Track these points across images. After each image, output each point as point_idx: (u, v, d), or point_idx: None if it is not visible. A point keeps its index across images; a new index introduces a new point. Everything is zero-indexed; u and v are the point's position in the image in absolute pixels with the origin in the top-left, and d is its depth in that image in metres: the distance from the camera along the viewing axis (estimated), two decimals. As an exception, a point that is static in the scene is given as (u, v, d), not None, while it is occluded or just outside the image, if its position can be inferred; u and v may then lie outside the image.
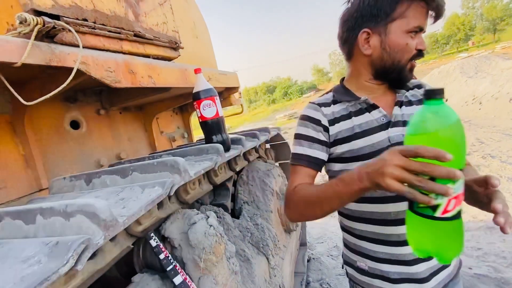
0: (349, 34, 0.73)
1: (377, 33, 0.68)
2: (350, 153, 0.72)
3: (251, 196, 1.46)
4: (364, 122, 0.72)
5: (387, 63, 0.69)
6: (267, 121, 22.45)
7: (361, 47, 0.71)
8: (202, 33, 1.57)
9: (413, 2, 0.64)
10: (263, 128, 1.57)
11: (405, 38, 0.66)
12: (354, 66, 0.77)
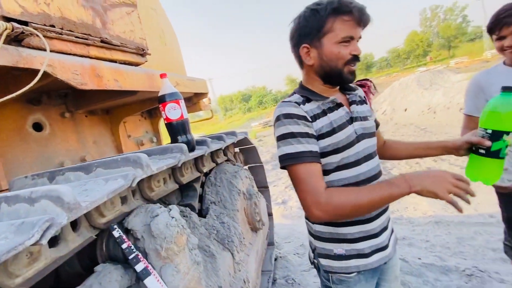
0: (295, 49, 0.86)
1: (314, 47, 0.81)
2: (332, 146, 0.81)
3: (218, 196, 1.53)
4: (338, 118, 0.83)
5: (326, 69, 0.82)
6: (242, 129, 22.56)
7: (304, 59, 0.84)
8: (170, 40, 1.64)
9: (337, 18, 0.77)
10: (230, 132, 1.66)
11: (337, 48, 0.79)
12: (306, 74, 0.89)
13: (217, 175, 1.61)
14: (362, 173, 0.84)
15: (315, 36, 0.80)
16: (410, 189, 0.70)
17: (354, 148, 0.83)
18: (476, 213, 2.61)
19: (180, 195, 1.41)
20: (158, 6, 1.61)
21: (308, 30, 0.80)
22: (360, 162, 0.84)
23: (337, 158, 0.82)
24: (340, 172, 0.83)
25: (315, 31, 0.79)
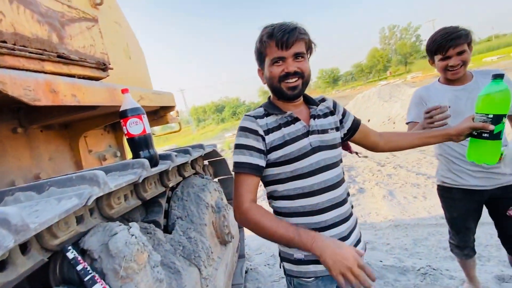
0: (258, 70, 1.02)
1: (262, 69, 0.97)
2: (284, 157, 0.89)
3: (185, 211, 1.51)
4: (293, 131, 0.92)
5: (270, 87, 0.96)
6: (215, 140, 22.38)
7: (261, 79, 1.01)
8: (135, 54, 1.63)
9: (266, 43, 0.89)
10: (198, 145, 1.67)
11: (271, 68, 0.91)
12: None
13: (184, 189, 1.60)
14: (316, 183, 0.90)
15: (262, 61, 0.95)
16: (311, 249, 0.78)
17: (308, 160, 0.90)
18: (429, 215, 2.85)
19: (144, 211, 1.38)
20: (123, 20, 1.61)
21: (257, 56, 0.97)
22: (315, 173, 0.90)
23: (290, 168, 0.90)
24: (294, 181, 0.91)
25: (261, 57, 0.94)
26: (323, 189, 0.90)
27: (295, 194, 0.91)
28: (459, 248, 1.58)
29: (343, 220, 0.93)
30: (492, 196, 1.39)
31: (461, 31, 1.28)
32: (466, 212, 1.47)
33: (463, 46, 1.28)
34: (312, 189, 0.90)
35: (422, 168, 4.39)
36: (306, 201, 0.90)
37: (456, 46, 1.27)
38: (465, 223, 1.50)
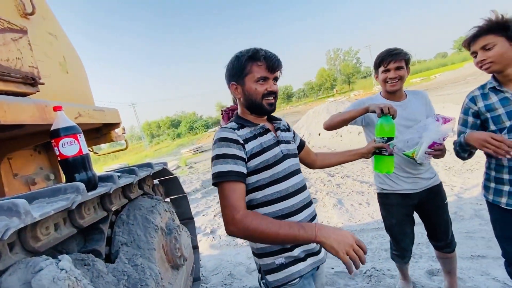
0: (228, 85, 1.07)
1: (239, 84, 1.03)
2: (263, 163, 0.97)
3: (131, 236, 1.40)
4: (267, 140, 1.02)
5: (249, 102, 1.03)
6: (171, 156, 21.39)
7: (234, 94, 1.06)
8: (74, 68, 1.51)
9: (254, 63, 0.99)
10: (145, 164, 1.58)
11: (255, 85, 1.00)
12: (240, 106, 1.10)
13: (130, 212, 1.49)
14: (290, 186, 1.01)
15: (239, 77, 1.01)
16: (315, 238, 0.82)
17: (282, 165, 1.01)
18: (372, 220, 3.12)
19: (82, 240, 1.24)
20: (59, 32, 1.49)
21: (234, 72, 1.02)
22: (288, 177, 1.01)
23: (268, 173, 0.98)
24: (273, 186, 0.98)
25: (239, 72, 1.01)
26: (296, 191, 1.02)
27: (273, 199, 0.98)
28: (400, 257, 1.75)
29: (312, 218, 1.06)
30: (420, 200, 1.61)
31: (401, 50, 1.52)
32: (402, 217, 1.65)
33: (401, 62, 1.49)
34: (288, 192, 0.99)
35: (365, 177, 4.83)
36: (284, 204, 0.98)
37: (396, 61, 1.49)
38: (403, 228, 1.67)
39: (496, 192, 1.30)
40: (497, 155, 1.11)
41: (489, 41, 1.16)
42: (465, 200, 3.19)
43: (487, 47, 1.17)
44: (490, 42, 1.16)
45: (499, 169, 1.28)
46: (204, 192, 6.23)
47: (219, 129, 1.02)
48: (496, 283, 1.80)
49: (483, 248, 2.22)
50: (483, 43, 1.18)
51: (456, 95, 11.91)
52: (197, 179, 7.93)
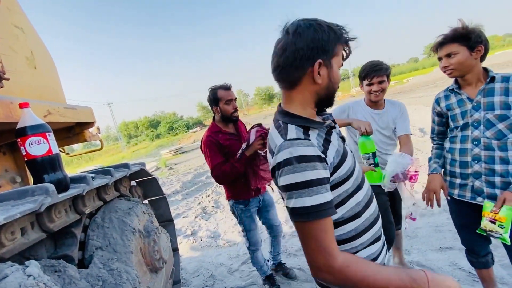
0: (302, 62, 0.72)
1: (325, 66, 0.73)
2: (346, 172, 0.74)
3: (106, 239, 1.34)
4: (337, 142, 0.77)
5: (330, 91, 0.77)
6: (150, 157, 20.77)
7: (315, 76, 0.73)
8: (43, 63, 1.42)
9: (341, 45, 0.75)
10: (122, 164, 1.53)
11: (339, 72, 0.77)
12: (301, 94, 0.77)
13: (105, 214, 1.43)
14: (367, 188, 0.83)
15: (330, 55, 0.73)
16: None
17: (356, 169, 0.80)
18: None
19: (53, 245, 1.17)
20: (26, 25, 1.40)
21: (327, 47, 0.72)
22: (363, 179, 0.83)
23: (350, 183, 0.75)
24: (355, 195, 0.77)
25: (331, 50, 0.72)
26: (372, 194, 0.86)
27: (360, 209, 0.77)
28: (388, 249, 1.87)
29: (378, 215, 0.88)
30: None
31: (384, 65, 1.68)
32: (384, 205, 1.80)
33: (383, 77, 1.67)
34: (368, 195, 0.81)
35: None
36: (369, 211, 0.80)
37: (379, 76, 1.67)
38: (387, 216, 1.80)
39: (451, 184, 1.43)
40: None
41: (453, 49, 1.25)
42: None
43: (450, 55, 1.27)
44: (454, 51, 1.25)
45: (452, 164, 1.41)
46: (185, 193, 6.11)
47: (287, 142, 0.69)
48: (462, 272, 1.93)
49: (451, 240, 2.37)
50: (447, 51, 1.27)
51: (427, 98, 12.64)
52: (178, 181, 7.76)
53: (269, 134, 0.81)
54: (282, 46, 0.74)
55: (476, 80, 1.28)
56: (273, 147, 0.73)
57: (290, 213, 0.69)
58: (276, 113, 0.82)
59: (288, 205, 0.69)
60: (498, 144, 1.23)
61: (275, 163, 0.70)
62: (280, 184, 0.70)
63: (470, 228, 1.44)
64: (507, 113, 1.19)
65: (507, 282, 1.75)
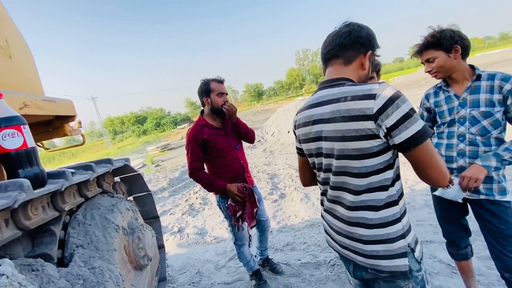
0: (359, 46, 0.89)
1: (369, 58, 0.91)
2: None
3: (87, 237, 1.30)
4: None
5: (363, 81, 0.94)
6: (136, 154, 20.32)
7: (365, 61, 0.90)
8: (19, 53, 1.35)
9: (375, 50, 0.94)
10: (105, 160, 1.48)
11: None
12: (352, 72, 0.91)
13: (87, 211, 1.38)
14: None
15: (374, 51, 0.93)
16: None
17: None
18: (337, 213, 3.28)
19: (30, 244, 1.12)
20: (1, 12, 1.32)
21: (375, 44, 0.92)
22: None
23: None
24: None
25: (376, 48, 0.92)
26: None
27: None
28: None
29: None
30: None
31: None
32: None
33: (373, 73, 1.60)
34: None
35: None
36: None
37: None
38: None
39: None
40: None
41: (430, 55, 1.31)
42: (417, 192, 3.50)
43: (430, 60, 1.32)
44: (431, 56, 1.31)
45: None
46: (172, 190, 6.03)
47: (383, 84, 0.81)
48: (441, 265, 2.01)
49: (431, 234, 2.46)
50: (426, 57, 1.33)
51: (411, 97, 12.99)
52: (164, 178, 7.64)
53: (343, 90, 0.85)
54: (348, 30, 0.89)
55: (463, 78, 1.32)
56: (364, 92, 0.79)
57: (417, 137, 0.74)
58: (332, 80, 0.92)
59: (417, 129, 0.75)
60: (482, 140, 1.28)
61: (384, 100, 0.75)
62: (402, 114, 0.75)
63: (452, 221, 1.50)
64: (491, 110, 1.24)
65: (484, 273, 1.84)
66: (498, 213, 1.29)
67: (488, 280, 1.77)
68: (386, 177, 0.81)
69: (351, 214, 0.88)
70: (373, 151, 0.79)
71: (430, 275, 1.90)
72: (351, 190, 0.86)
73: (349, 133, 0.80)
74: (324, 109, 0.87)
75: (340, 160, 0.86)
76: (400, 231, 0.83)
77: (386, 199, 0.82)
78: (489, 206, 1.31)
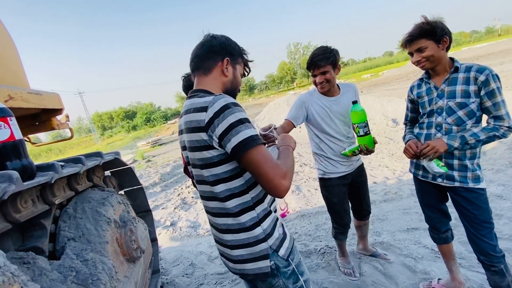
0: (214, 55, 0.94)
1: (231, 66, 0.97)
2: None
3: (79, 230, 1.30)
4: None
5: (234, 86, 1.00)
6: (126, 149, 20.00)
7: (224, 68, 0.95)
8: (2, 45, 1.31)
9: (242, 60, 1.04)
10: (94, 153, 1.47)
11: (240, 78, 1.03)
12: (213, 81, 0.95)
13: (77, 205, 1.38)
14: None
15: (234, 59, 1.00)
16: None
17: None
18: (327, 204, 3.36)
19: (20, 237, 1.12)
20: (-20, 1, 1.27)
21: (233, 52, 1.00)
22: None
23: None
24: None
25: (236, 55, 1.01)
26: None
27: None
28: (343, 234, 1.96)
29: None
30: (352, 178, 1.87)
31: (325, 54, 1.58)
32: (342, 196, 1.87)
33: (326, 67, 1.59)
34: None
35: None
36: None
37: (320, 68, 1.61)
38: (343, 205, 1.89)
39: (416, 166, 1.55)
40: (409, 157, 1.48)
41: (422, 44, 1.32)
42: (404, 182, 3.61)
43: (420, 49, 1.34)
44: (423, 46, 1.32)
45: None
46: (164, 185, 6.00)
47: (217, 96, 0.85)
48: (425, 250, 2.10)
49: (416, 221, 2.56)
50: (417, 47, 1.34)
51: (400, 90, 13.22)
52: (156, 173, 7.58)
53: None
54: (201, 42, 0.96)
55: (444, 70, 1.37)
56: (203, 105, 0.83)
57: (241, 146, 0.77)
58: (193, 90, 0.95)
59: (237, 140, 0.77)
60: (458, 130, 1.33)
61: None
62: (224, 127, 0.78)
63: (432, 207, 1.57)
64: (466, 101, 1.29)
65: (465, 257, 1.94)
66: (472, 199, 1.36)
67: (469, 263, 1.87)
68: (235, 185, 0.86)
69: (217, 220, 0.93)
70: (214, 160, 0.83)
71: (415, 260, 1.99)
72: (211, 198, 0.91)
73: (194, 144, 0.85)
74: (183, 120, 0.90)
75: (195, 169, 0.92)
76: (261, 235, 0.88)
77: (240, 205, 0.87)
78: (464, 193, 1.38)
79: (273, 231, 0.91)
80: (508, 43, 27.62)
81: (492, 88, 1.24)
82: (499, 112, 1.25)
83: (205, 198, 0.95)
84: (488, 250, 1.35)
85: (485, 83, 1.24)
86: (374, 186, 3.68)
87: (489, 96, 1.25)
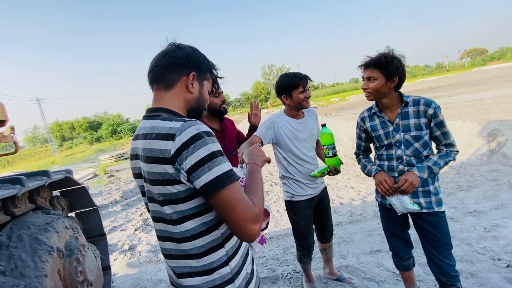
0: (178, 67, 0.81)
1: (198, 81, 0.85)
2: None
3: (11, 262, 1.13)
4: None
5: (199, 105, 0.88)
6: (87, 163, 18.56)
7: (189, 84, 0.82)
8: None
9: (211, 74, 0.92)
10: (40, 172, 1.31)
11: (207, 94, 0.91)
12: (175, 97, 0.82)
13: (13, 232, 1.21)
14: None
15: (202, 74, 0.88)
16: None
17: None
18: (296, 225, 3.35)
19: None
20: None
21: (201, 66, 0.87)
22: None
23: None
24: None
25: (204, 70, 0.89)
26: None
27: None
28: (307, 256, 1.95)
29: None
30: (317, 200, 1.92)
31: (305, 75, 1.75)
32: (308, 218, 1.89)
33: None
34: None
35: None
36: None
37: (308, 82, 1.75)
38: (308, 228, 1.90)
39: (382, 195, 1.58)
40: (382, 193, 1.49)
41: (373, 74, 1.39)
42: (368, 203, 3.76)
43: (370, 78, 1.40)
44: (373, 76, 1.39)
45: None
46: (125, 204, 5.58)
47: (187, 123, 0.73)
48: (388, 273, 2.15)
49: (379, 243, 2.63)
50: (368, 75, 1.41)
51: (364, 115, 14.07)
52: (118, 189, 7.06)
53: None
54: (164, 51, 0.82)
55: (392, 104, 1.45)
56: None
57: (212, 184, 0.66)
58: (151, 109, 0.83)
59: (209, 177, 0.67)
60: (415, 160, 1.42)
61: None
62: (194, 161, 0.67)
63: (396, 236, 1.62)
64: (420, 133, 1.40)
65: (423, 279, 2.01)
66: (436, 223, 1.43)
67: (426, 285, 1.95)
68: (204, 221, 0.75)
69: (176, 264, 0.80)
70: (180, 196, 0.71)
71: (378, 284, 2.02)
72: (171, 238, 0.77)
73: (154, 176, 0.71)
74: (139, 144, 0.77)
75: (153, 204, 0.78)
76: (228, 275, 0.78)
77: (209, 244, 0.76)
78: (428, 217, 1.45)
79: (241, 269, 0.82)
80: (455, 78, 31.44)
81: (440, 119, 1.37)
82: (449, 140, 1.40)
83: (162, 238, 0.80)
84: (449, 271, 1.41)
85: (434, 116, 1.36)
86: (340, 208, 3.76)
87: (438, 126, 1.38)
